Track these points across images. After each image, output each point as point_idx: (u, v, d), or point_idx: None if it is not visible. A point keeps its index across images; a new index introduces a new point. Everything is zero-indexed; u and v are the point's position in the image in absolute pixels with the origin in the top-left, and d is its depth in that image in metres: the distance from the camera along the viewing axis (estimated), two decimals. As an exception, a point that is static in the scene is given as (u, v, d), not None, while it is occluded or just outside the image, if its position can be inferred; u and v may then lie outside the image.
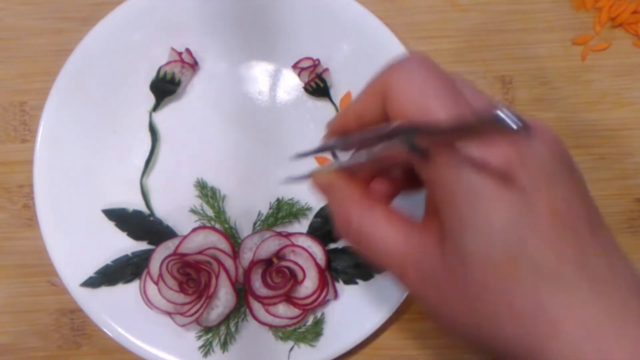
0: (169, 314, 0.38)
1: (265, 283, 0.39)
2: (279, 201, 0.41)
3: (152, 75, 0.41)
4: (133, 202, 0.40)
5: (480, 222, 0.22)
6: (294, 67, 0.41)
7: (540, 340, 0.22)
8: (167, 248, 0.39)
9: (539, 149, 0.23)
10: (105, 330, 0.39)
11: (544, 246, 0.22)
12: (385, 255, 0.27)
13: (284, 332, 0.39)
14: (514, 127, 0.17)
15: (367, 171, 0.29)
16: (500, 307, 0.23)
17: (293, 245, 0.39)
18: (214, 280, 0.38)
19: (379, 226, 0.27)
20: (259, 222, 0.41)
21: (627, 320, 0.22)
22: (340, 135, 0.29)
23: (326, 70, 0.41)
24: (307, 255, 0.39)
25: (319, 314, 0.40)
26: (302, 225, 0.41)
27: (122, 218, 0.40)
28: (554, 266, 0.22)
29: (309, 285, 0.39)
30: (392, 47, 0.40)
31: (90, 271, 0.39)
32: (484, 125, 0.19)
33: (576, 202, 0.23)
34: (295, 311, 0.39)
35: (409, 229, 0.26)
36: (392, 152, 0.25)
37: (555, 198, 0.22)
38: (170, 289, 0.38)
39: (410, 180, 0.29)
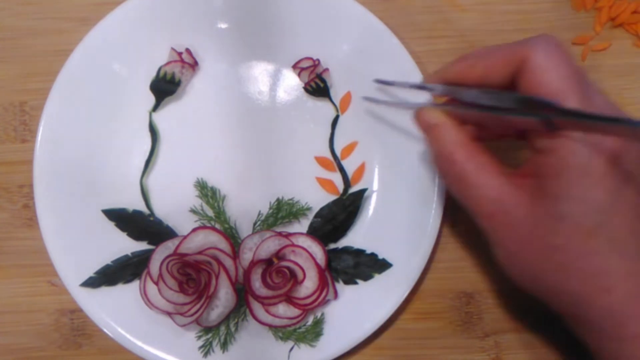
0: (169, 314, 0.38)
1: (265, 283, 0.39)
2: (279, 201, 0.41)
3: (152, 75, 0.41)
4: (133, 202, 0.40)
5: (582, 195, 0.27)
6: (294, 67, 0.41)
7: (595, 297, 0.29)
8: (167, 248, 0.39)
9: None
10: (105, 330, 0.39)
11: (622, 224, 0.28)
12: (479, 197, 0.31)
13: (284, 332, 0.39)
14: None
15: (474, 122, 0.33)
16: (573, 264, 0.28)
17: (293, 245, 0.39)
18: (214, 280, 0.38)
19: (481, 171, 0.31)
20: (259, 222, 0.41)
21: None
22: (454, 82, 0.33)
23: (326, 70, 0.41)
24: (307, 255, 0.39)
25: (319, 314, 0.40)
26: (302, 225, 0.41)
27: (122, 218, 0.40)
28: (625, 239, 0.28)
29: (309, 285, 0.39)
30: (392, 47, 0.40)
31: (90, 271, 0.39)
32: (615, 125, 0.24)
33: None
34: (295, 311, 0.39)
35: (504, 179, 0.31)
36: (518, 118, 0.29)
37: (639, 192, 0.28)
38: (170, 289, 0.38)
39: (502, 136, 0.35)
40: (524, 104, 0.29)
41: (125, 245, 0.40)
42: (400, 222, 0.40)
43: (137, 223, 0.40)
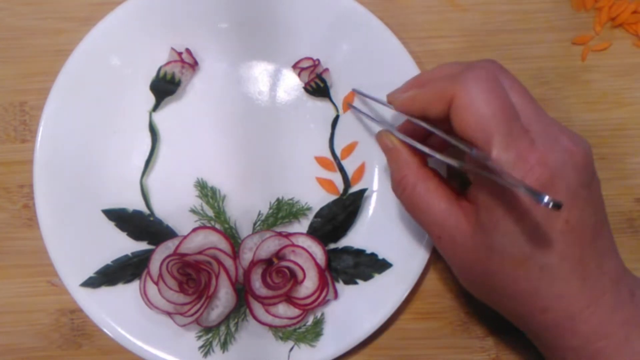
0: (169, 314, 0.38)
1: (265, 283, 0.39)
2: (279, 201, 0.41)
3: (152, 75, 0.41)
4: (133, 202, 0.40)
5: (509, 230, 0.29)
6: (294, 67, 0.41)
7: (532, 316, 0.31)
8: (167, 248, 0.39)
9: (568, 174, 0.29)
10: (105, 330, 0.39)
11: (551, 251, 0.29)
12: (427, 220, 0.33)
13: (284, 332, 0.39)
14: (547, 204, 0.24)
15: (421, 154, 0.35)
16: (509, 288, 0.31)
17: (293, 245, 0.39)
18: (214, 280, 0.38)
19: (429, 195, 0.33)
20: (259, 222, 0.41)
21: (600, 304, 0.30)
22: (401, 112, 0.34)
23: (326, 70, 0.41)
24: (307, 255, 0.39)
25: (319, 314, 0.40)
26: (302, 225, 0.41)
27: (122, 218, 0.40)
28: (556, 265, 0.29)
29: (309, 285, 0.39)
30: (392, 47, 0.40)
31: (90, 271, 0.39)
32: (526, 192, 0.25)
33: (587, 213, 0.29)
34: (295, 311, 0.39)
35: (451, 204, 0.32)
36: (451, 161, 0.30)
37: (571, 214, 0.29)
38: (170, 289, 0.38)
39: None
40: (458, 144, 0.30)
41: (125, 245, 0.40)
42: (400, 222, 0.40)
43: (137, 223, 0.40)
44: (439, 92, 0.30)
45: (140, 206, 0.40)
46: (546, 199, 0.24)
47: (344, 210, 0.41)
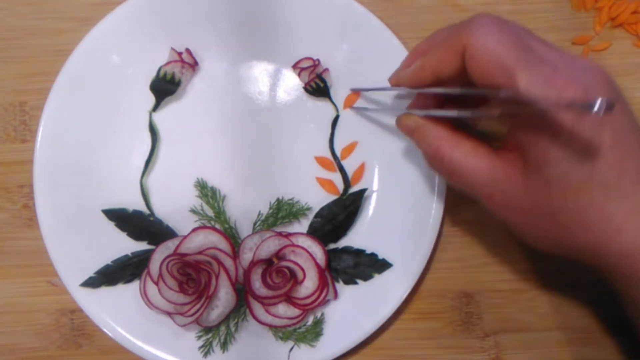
0: (169, 314, 0.38)
1: (265, 283, 0.39)
2: (279, 201, 0.41)
3: (152, 75, 0.41)
4: (133, 202, 0.40)
5: (559, 157, 0.28)
6: (294, 67, 0.41)
7: (606, 243, 0.29)
8: (167, 248, 0.39)
9: (599, 88, 0.28)
10: (105, 330, 0.39)
11: (608, 169, 0.28)
12: (474, 183, 0.32)
13: (284, 332, 0.39)
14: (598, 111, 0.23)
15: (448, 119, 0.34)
16: (576, 220, 0.29)
17: (293, 245, 0.39)
18: (214, 280, 0.38)
19: (468, 158, 0.32)
20: (259, 222, 0.41)
21: None
22: (412, 87, 0.34)
23: (326, 70, 0.41)
24: (307, 255, 0.39)
25: (319, 314, 0.40)
26: (302, 225, 0.41)
27: (122, 218, 0.40)
28: (615, 181, 0.29)
29: (309, 285, 0.39)
30: (392, 47, 0.40)
31: (90, 271, 0.39)
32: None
33: (628, 122, 0.29)
34: (295, 311, 0.39)
35: (492, 159, 0.31)
36: (484, 112, 0.30)
37: (615, 125, 0.28)
38: (170, 289, 0.38)
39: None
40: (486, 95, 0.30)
41: (125, 245, 0.40)
42: (400, 222, 0.40)
43: (137, 223, 0.40)
44: (449, 48, 0.30)
45: (140, 206, 0.40)
46: (598, 102, 0.23)
47: (344, 210, 0.41)
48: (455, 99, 0.35)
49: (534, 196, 0.30)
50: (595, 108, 0.23)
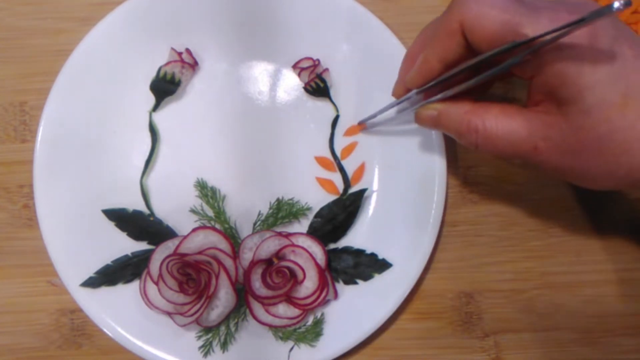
0: (169, 314, 0.38)
1: (265, 283, 0.39)
2: (279, 201, 0.41)
3: (152, 75, 0.41)
4: (133, 202, 0.40)
5: (592, 80, 0.28)
6: (294, 67, 0.41)
7: None
8: (167, 248, 0.39)
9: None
10: (105, 330, 0.39)
11: None
12: (515, 141, 0.31)
13: (284, 332, 0.39)
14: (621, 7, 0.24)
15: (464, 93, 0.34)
16: (629, 138, 0.29)
17: (293, 245, 0.39)
18: (214, 280, 0.38)
19: (501, 121, 0.31)
20: (259, 222, 0.41)
21: None
22: (422, 85, 0.34)
23: (326, 70, 0.41)
24: (307, 255, 0.39)
25: (319, 314, 0.40)
26: (302, 225, 0.41)
27: (122, 218, 0.40)
28: None
29: (309, 285, 0.39)
30: (392, 47, 0.40)
31: (90, 271, 0.39)
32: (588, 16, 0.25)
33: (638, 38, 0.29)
34: (295, 311, 0.39)
35: (524, 114, 0.31)
36: (493, 74, 0.30)
37: (627, 39, 0.28)
38: (170, 289, 0.38)
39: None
40: (491, 55, 0.30)
41: (125, 245, 0.40)
42: (400, 222, 0.40)
43: (137, 223, 0.40)
44: (446, 31, 0.31)
45: (140, 206, 0.40)
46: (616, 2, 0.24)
47: (344, 210, 0.41)
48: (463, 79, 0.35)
49: (578, 131, 0.29)
50: (616, 5, 0.24)
